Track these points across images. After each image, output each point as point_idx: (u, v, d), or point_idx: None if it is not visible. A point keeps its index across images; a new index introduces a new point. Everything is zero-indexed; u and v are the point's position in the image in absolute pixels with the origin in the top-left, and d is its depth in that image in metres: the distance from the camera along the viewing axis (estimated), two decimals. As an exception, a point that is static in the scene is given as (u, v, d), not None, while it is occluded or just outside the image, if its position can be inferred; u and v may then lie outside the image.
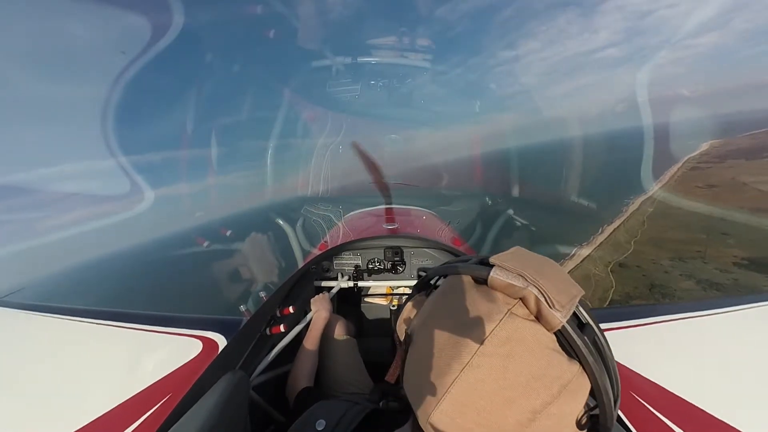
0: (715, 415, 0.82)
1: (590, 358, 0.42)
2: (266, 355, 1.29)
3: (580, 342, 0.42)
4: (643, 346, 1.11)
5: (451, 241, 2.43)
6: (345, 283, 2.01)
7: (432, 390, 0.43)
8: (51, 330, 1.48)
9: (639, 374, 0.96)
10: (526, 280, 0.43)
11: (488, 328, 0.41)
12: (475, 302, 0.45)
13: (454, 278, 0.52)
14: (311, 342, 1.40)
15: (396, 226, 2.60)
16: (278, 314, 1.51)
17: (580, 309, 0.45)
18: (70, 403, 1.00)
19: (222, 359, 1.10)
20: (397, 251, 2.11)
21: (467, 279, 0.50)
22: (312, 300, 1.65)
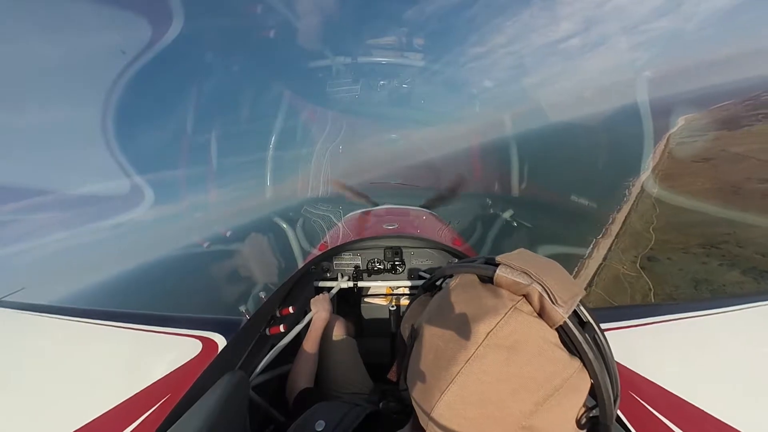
0: (715, 415, 0.82)
1: (591, 355, 0.43)
2: (266, 355, 1.29)
3: (581, 338, 0.43)
4: (643, 346, 1.10)
5: (451, 241, 2.43)
6: (345, 284, 2.01)
7: (437, 381, 0.44)
8: (51, 330, 1.48)
9: (639, 374, 0.96)
10: (531, 277, 0.44)
11: (494, 321, 0.42)
12: (482, 298, 0.47)
13: (460, 276, 0.55)
14: (311, 342, 1.39)
15: (396, 226, 2.60)
16: (278, 314, 1.51)
17: (581, 308, 0.46)
18: (70, 403, 1.00)
19: (222, 359, 1.10)
20: (397, 251, 2.11)
21: (473, 278, 0.52)
22: (312, 300, 1.65)
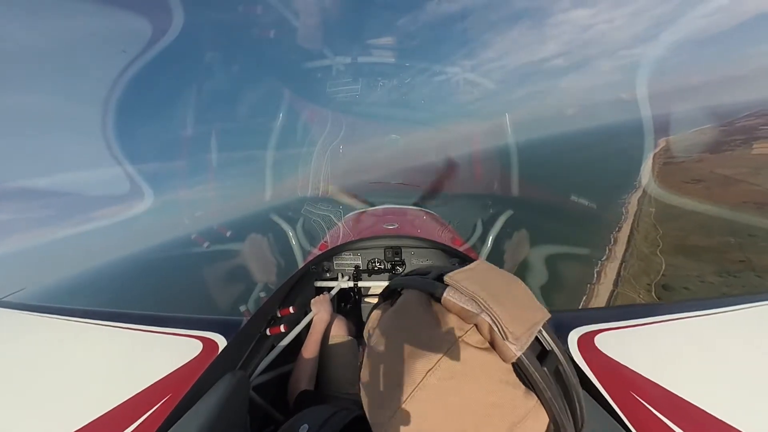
0: (715, 415, 0.82)
1: (548, 394, 0.39)
2: (266, 355, 1.29)
3: (537, 375, 0.38)
4: (643, 346, 1.10)
5: (450, 241, 2.43)
6: (345, 284, 2.01)
7: (382, 409, 0.42)
8: (51, 330, 1.48)
9: (639, 374, 0.96)
10: (479, 305, 0.39)
11: (435, 357, 0.38)
12: (429, 325, 0.42)
13: (410, 294, 0.49)
14: (312, 343, 1.40)
15: (396, 226, 2.60)
16: (278, 315, 1.51)
17: (544, 334, 0.41)
18: (70, 403, 1.00)
19: (222, 359, 1.10)
20: (397, 251, 2.11)
21: (424, 297, 0.46)
22: (312, 301, 1.65)
